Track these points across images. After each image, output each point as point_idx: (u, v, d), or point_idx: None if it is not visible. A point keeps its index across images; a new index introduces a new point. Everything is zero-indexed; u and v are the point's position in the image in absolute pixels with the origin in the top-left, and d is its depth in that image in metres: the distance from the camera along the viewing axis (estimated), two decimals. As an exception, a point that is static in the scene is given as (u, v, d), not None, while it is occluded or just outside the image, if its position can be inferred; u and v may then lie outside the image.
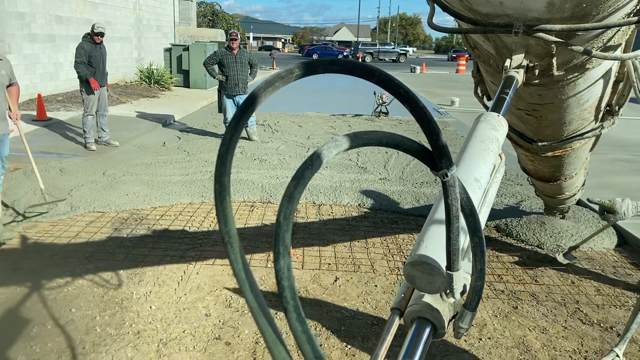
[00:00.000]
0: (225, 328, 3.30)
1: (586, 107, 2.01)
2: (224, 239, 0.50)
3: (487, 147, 0.98)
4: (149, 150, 7.98)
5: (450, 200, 0.62)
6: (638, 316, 1.80)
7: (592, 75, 1.63)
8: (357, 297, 3.77)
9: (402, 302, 0.77)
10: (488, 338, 3.32)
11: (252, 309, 0.50)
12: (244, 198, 5.89)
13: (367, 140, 0.54)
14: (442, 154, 0.57)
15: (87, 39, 7.56)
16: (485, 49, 1.55)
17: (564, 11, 1.12)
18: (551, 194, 4.48)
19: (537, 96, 1.80)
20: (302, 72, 0.52)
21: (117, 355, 2.98)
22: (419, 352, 0.69)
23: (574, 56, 1.36)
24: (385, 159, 7.78)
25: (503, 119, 1.07)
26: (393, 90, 0.54)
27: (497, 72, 1.58)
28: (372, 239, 4.89)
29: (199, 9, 31.10)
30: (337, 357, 3.06)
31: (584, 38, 1.28)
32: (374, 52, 47.37)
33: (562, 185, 3.94)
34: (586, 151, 3.29)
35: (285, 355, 0.49)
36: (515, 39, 1.24)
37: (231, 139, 0.51)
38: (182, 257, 4.28)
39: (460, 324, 0.76)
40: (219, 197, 0.51)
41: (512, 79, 1.21)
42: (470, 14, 1.27)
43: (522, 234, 4.96)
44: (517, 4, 1.13)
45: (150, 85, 15.22)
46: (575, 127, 2.31)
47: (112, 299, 3.59)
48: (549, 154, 2.79)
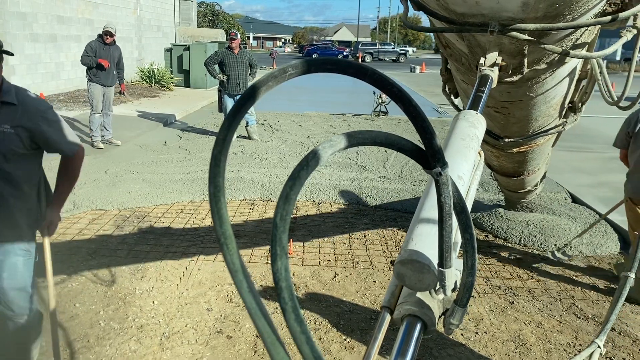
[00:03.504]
0: (227, 322, 3.36)
1: (552, 104, 2.06)
2: (220, 240, 0.49)
3: (467, 145, 0.98)
4: (150, 149, 8.04)
5: (443, 198, 0.62)
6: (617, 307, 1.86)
7: (560, 74, 1.69)
8: (356, 292, 3.83)
9: (391, 300, 0.77)
10: (484, 332, 3.39)
11: (249, 310, 0.49)
12: (245, 196, 5.96)
13: (362, 140, 0.54)
14: (436, 153, 0.57)
15: (98, 38, 7.68)
16: (458, 48, 1.57)
17: (537, 11, 1.16)
18: (514, 189, 4.57)
19: (507, 94, 1.84)
20: (296, 72, 0.52)
21: (120, 348, 3.05)
22: (411, 350, 0.69)
23: (544, 55, 1.41)
24: (384, 157, 7.84)
25: (481, 117, 1.08)
26: (387, 89, 0.54)
27: (468, 70, 1.61)
28: (371, 236, 4.96)
29: (199, 9, 31.16)
30: (336, 350, 3.13)
31: (555, 38, 1.32)
32: (374, 52, 47.42)
33: (525, 180, 4.03)
34: (549, 147, 3.36)
35: (285, 355, 0.49)
36: (490, 38, 1.27)
37: (224, 139, 0.51)
38: (184, 253, 4.34)
39: (451, 320, 0.76)
40: (214, 198, 0.50)
41: (488, 77, 1.24)
42: (445, 13, 1.29)
43: (518, 232, 5.02)
44: (493, 4, 1.15)
45: (151, 85, 15.28)
46: (540, 123, 2.36)
47: (115, 294, 3.66)
48: (515, 150, 2.84)
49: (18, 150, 2.23)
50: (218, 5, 36.34)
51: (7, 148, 2.20)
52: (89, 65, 7.51)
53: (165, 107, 11.96)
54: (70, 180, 2.54)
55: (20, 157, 2.27)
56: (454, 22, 1.25)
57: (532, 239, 4.88)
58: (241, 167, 7.05)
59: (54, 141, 2.35)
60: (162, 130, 9.89)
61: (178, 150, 8.08)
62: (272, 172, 6.87)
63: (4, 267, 2.33)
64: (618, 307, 1.87)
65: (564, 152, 7.81)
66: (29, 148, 2.28)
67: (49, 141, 2.33)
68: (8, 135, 2.19)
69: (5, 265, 2.33)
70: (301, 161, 0.50)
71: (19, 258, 2.35)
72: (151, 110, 11.32)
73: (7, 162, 2.22)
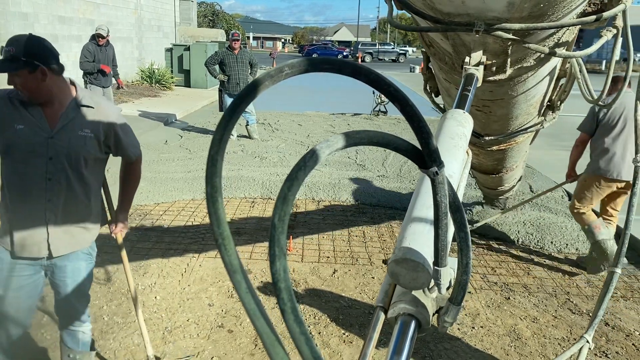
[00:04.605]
0: (228, 317, 3.43)
1: (532, 102, 2.11)
2: (218, 240, 0.49)
3: (456, 144, 0.99)
4: (151, 148, 8.10)
5: (439, 197, 0.62)
6: (604, 303, 1.91)
7: (541, 73, 1.73)
8: (355, 288, 3.90)
9: (385, 299, 0.78)
10: (480, 327, 3.45)
11: (248, 310, 0.49)
12: (245, 194, 6.02)
13: (359, 140, 0.54)
14: (432, 153, 0.58)
15: (92, 40, 7.73)
16: (442, 47, 1.60)
17: (522, 11, 1.18)
18: (492, 186, 4.65)
19: (489, 92, 1.87)
20: (292, 71, 0.52)
21: (124, 342, 3.11)
22: (406, 348, 0.69)
23: (526, 54, 1.46)
24: (383, 156, 7.90)
25: (469, 116, 1.10)
26: (383, 89, 0.54)
27: (452, 69, 1.64)
28: (370, 233, 5.02)
29: (199, 9, 31.21)
30: (335, 344, 3.19)
31: (538, 37, 1.37)
32: (374, 52, 47.48)
33: (503, 177, 4.11)
34: (527, 144, 3.43)
35: (284, 355, 0.49)
36: (474, 38, 1.30)
37: (221, 139, 0.50)
38: (185, 250, 4.41)
39: (445, 318, 0.77)
40: (211, 199, 0.49)
41: (473, 76, 1.27)
42: (431, 12, 1.30)
43: (515, 230, 5.09)
44: (479, 4, 1.17)
45: (151, 85, 15.34)
46: (521, 121, 2.41)
47: (118, 289, 3.72)
48: (494, 147, 2.90)
49: (96, 154, 2.22)
50: (218, 5, 36.37)
51: (88, 152, 2.18)
52: (91, 71, 7.58)
53: (165, 107, 12.02)
54: (135, 182, 2.60)
55: (95, 162, 2.26)
56: (440, 22, 1.27)
57: (529, 237, 4.95)
58: (241, 166, 7.12)
59: (125, 145, 2.34)
60: (163, 129, 9.95)
61: (179, 149, 8.14)
62: (272, 170, 6.93)
63: (68, 272, 2.29)
64: (605, 302, 1.92)
65: (560, 150, 7.87)
66: (103, 152, 2.27)
67: (120, 144, 2.31)
68: (89, 139, 2.16)
69: (68, 271, 2.29)
70: (298, 162, 0.50)
71: (81, 263, 2.33)
72: (152, 110, 11.38)
73: (86, 166, 2.20)
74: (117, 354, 3.00)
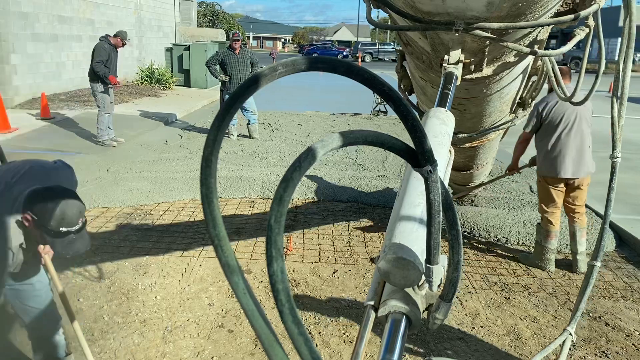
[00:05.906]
0: (228, 317, 3.43)
1: (505, 100, 2.13)
2: (214, 242, 0.49)
3: (440, 142, 1.00)
4: (151, 148, 8.11)
5: (433, 195, 0.63)
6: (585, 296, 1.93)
7: (515, 71, 1.74)
8: (355, 288, 3.90)
9: (375, 297, 0.77)
10: (480, 327, 3.45)
11: (246, 311, 0.48)
12: (245, 194, 6.02)
13: (354, 139, 0.54)
14: (426, 152, 0.58)
15: (105, 40, 7.75)
16: (420, 46, 1.60)
17: (501, 10, 1.19)
18: (462, 182, 4.69)
19: (465, 91, 1.88)
20: (287, 70, 0.51)
21: (124, 341, 3.11)
22: (398, 346, 0.69)
23: (503, 52, 1.46)
24: (383, 156, 7.90)
25: (451, 114, 1.11)
26: (377, 88, 0.54)
27: (429, 68, 1.65)
28: (370, 233, 5.02)
29: (199, 9, 31.23)
30: (335, 344, 3.19)
31: (515, 36, 1.37)
32: (374, 52, 47.47)
33: (474, 174, 4.15)
34: (497, 141, 3.46)
35: (283, 355, 0.48)
36: (453, 37, 1.30)
37: (215, 140, 0.50)
38: (186, 250, 4.41)
39: (436, 314, 0.77)
40: (206, 200, 0.49)
41: (452, 74, 1.27)
42: (411, 11, 1.30)
43: (515, 230, 5.09)
44: (459, 3, 1.18)
45: (151, 85, 15.34)
46: (493, 119, 2.43)
47: (118, 289, 3.72)
48: (467, 145, 2.91)
49: None
50: (218, 5, 36.44)
51: None
52: (104, 76, 7.58)
53: (166, 107, 12.02)
54: None
55: None
56: (420, 20, 1.27)
57: (529, 237, 4.95)
58: (241, 166, 7.12)
59: None
60: (163, 129, 9.96)
61: (179, 149, 8.15)
62: (272, 170, 6.93)
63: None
64: (586, 295, 1.94)
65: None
66: None
67: None
68: None
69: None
70: (294, 162, 0.49)
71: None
72: (152, 110, 11.39)
73: None
74: (117, 354, 3.01)
